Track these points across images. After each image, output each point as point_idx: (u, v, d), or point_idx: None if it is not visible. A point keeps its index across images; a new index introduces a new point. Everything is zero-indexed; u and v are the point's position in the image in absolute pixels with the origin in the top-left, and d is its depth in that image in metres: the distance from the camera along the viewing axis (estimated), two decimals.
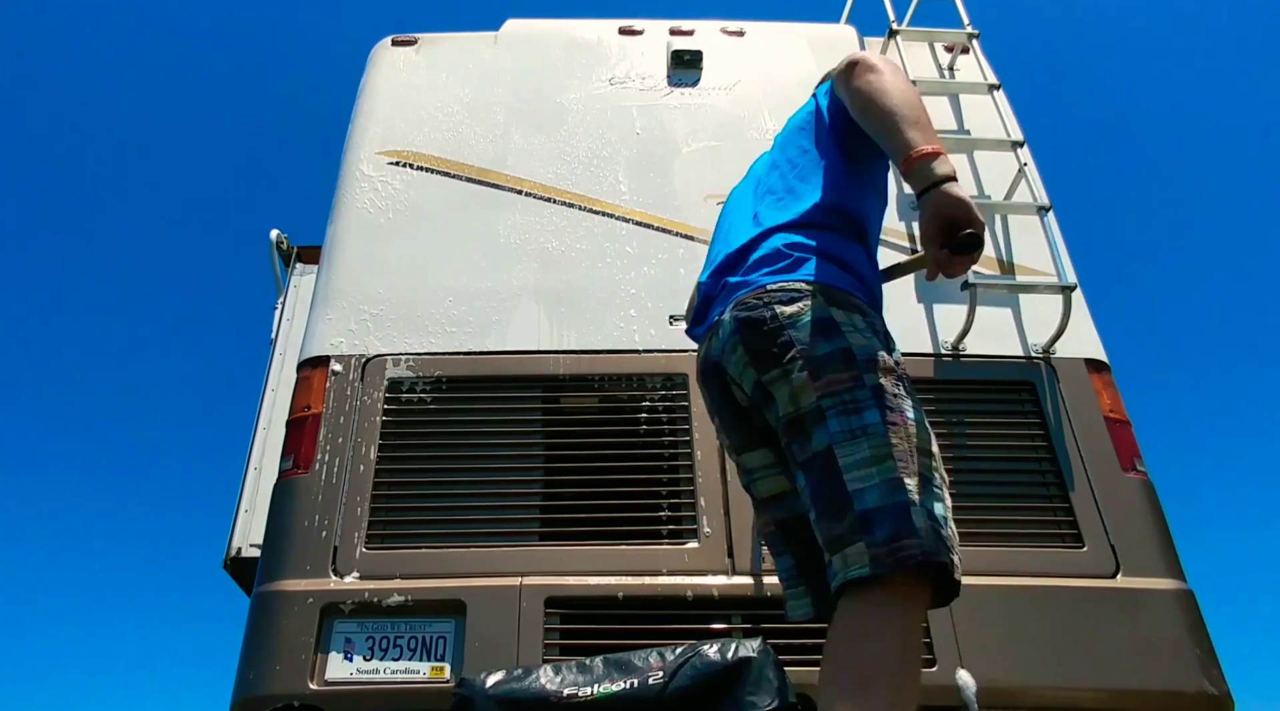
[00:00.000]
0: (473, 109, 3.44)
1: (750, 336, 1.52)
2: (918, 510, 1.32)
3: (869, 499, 1.33)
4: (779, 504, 1.64)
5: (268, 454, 3.97)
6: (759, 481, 1.67)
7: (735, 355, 1.56)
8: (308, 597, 2.33)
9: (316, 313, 2.95)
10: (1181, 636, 2.34)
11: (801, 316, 1.49)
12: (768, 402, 1.52)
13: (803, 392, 1.44)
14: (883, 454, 1.36)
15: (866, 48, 3.73)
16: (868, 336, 1.49)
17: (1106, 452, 2.66)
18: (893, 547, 1.28)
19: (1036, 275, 3.03)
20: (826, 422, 1.40)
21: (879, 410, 1.40)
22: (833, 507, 1.36)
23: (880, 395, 1.42)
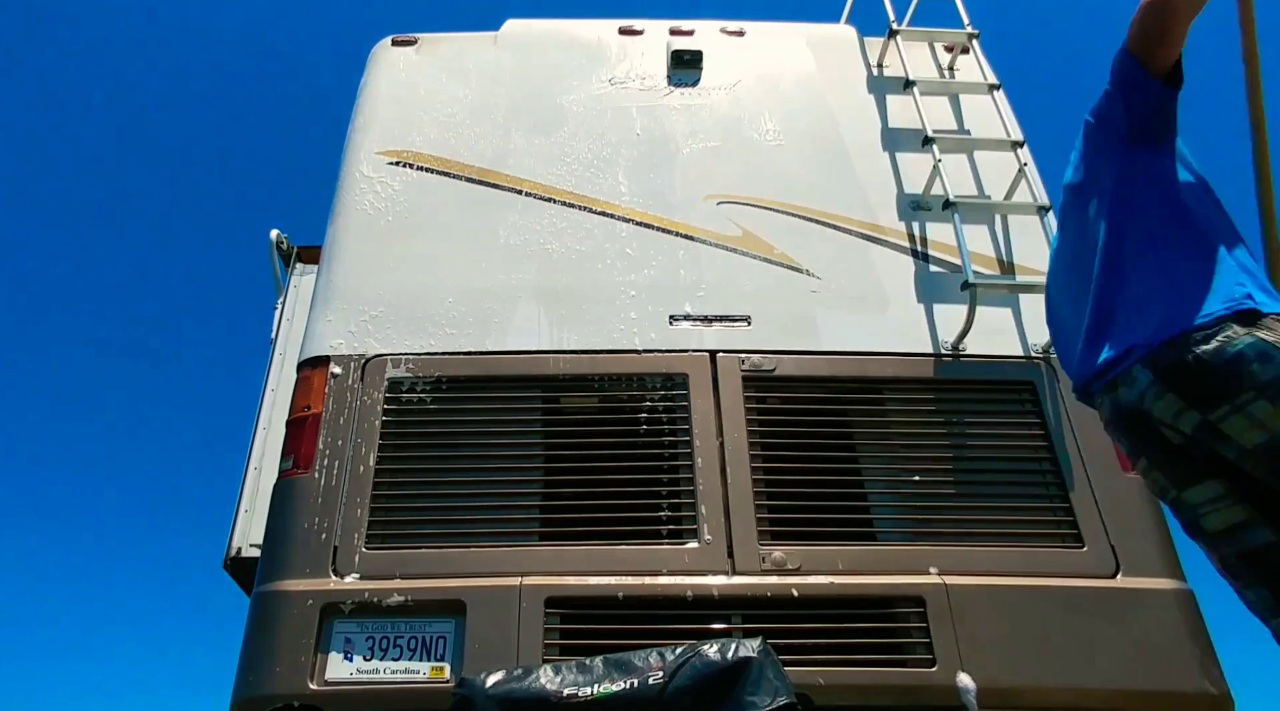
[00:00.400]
0: (473, 109, 3.44)
1: (1180, 380, 1.51)
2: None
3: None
4: (1237, 538, 1.55)
5: (268, 454, 3.98)
6: (1208, 515, 1.58)
7: (1162, 403, 1.55)
8: (308, 597, 2.33)
9: (316, 312, 2.95)
10: (1181, 636, 2.34)
11: (1227, 348, 1.47)
12: (1219, 440, 1.49)
13: (1271, 419, 1.42)
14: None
15: (866, 48, 3.73)
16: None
17: (1106, 452, 2.66)
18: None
19: (1036, 275, 3.03)
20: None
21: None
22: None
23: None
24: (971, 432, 2.72)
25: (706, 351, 2.79)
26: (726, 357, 2.77)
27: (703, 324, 2.86)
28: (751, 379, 2.74)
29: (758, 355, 2.78)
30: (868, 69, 3.66)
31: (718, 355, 2.78)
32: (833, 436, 2.69)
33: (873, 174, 3.31)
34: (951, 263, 3.05)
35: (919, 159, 3.29)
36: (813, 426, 2.68)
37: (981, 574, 2.41)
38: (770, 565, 2.41)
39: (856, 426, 2.76)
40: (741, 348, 2.80)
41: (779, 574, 2.39)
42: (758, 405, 2.70)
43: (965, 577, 2.39)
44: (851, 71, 3.66)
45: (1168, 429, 1.57)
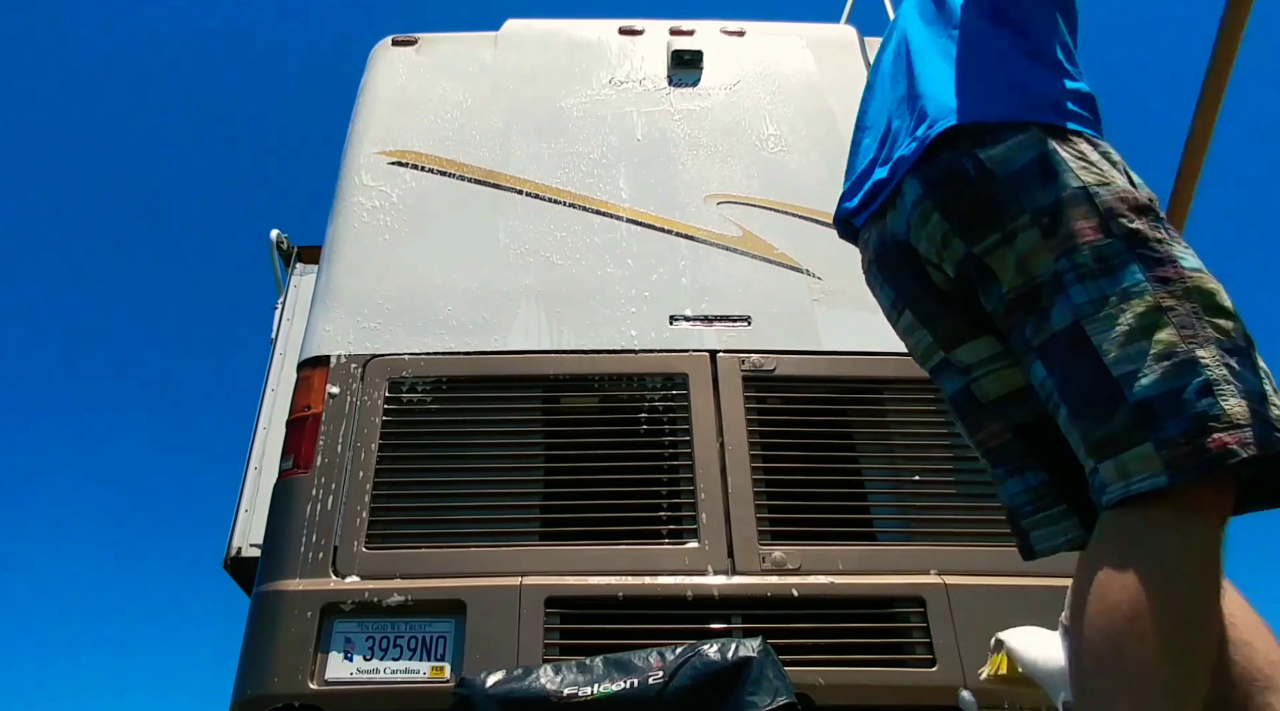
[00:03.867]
0: (473, 109, 3.44)
1: (949, 196, 1.22)
2: (1226, 387, 0.98)
3: (1146, 383, 1.00)
4: (1016, 404, 1.27)
5: (268, 454, 3.98)
6: (983, 378, 1.30)
7: (928, 227, 1.25)
8: (308, 597, 2.33)
9: (316, 312, 2.95)
10: None
11: (1013, 159, 1.17)
12: (982, 278, 1.20)
13: (1032, 258, 1.13)
14: (1153, 319, 1.03)
15: (866, 47, 3.73)
16: (1106, 171, 1.16)
17: None
18: (1195, 440, 0.95)
19: None
20: (1069, 292, 1.09)
21: (1138, 262, 1.07)
22: (1095, 401, 1.04)
23: (1137, 243, 1.09)
24: None
25: (706, 351, 2.79)
26: (726, 358, 2.77)
27: (703, 324, 2.86)
28: (751, 379, 2.74)
29: (758, 355, 2.78)
30: (868, 69, 3.66)
31: (718, 355, 2.78)
32: (833, 436, 2.69)
33: None
34: None
35: None
36: (813, 426, 2.68)
37: (981, 574, 2.41)
38: (770, 565, 2.41)
39: (856, 426, 2.76)
40: (741, 347, 2.80)
41: (779, 574, 2.39)
42: (758, 405, 2.70)
43: (965, 577, 2.39)
44: (852, 71, 3.65)
45: (933, 268, 1.29)
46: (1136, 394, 1.01)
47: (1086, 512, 1.17)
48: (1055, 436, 1.17)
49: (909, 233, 1.29)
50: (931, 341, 1.36)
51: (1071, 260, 1.10)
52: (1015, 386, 1.27)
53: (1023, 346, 1.16)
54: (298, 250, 5.12)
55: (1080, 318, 1.07)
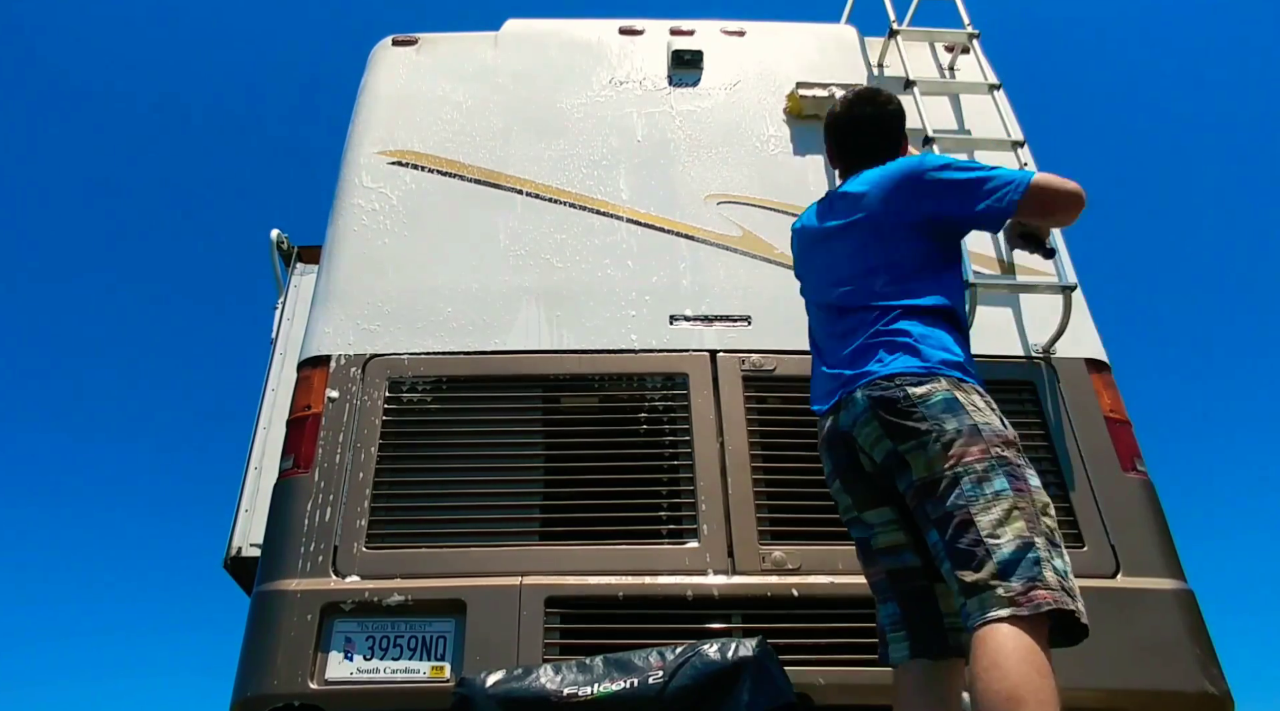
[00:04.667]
0: (473, 109, 3.44)
1: (885, 412, 1.77)
2: (1047, 564, 1.56)
3: (1005, 553, 1.56)
4: (893, 556, 1.85)
5: (268, 454, 3.97)
6: (879, 534, 1.87)
7: (868, 429, 1.80)
8: (308, 597, 2.33)
9: (316, 312, 2.95)
10: (1181, 636, 2.34)
11: (931, 397, 1.75)
12: (900, 469, 1.76)
13: (937, 462, 1.69)
14: (1014, 517, 1.61)
15: (867, 47, 3.73)
16: (989, 415, 1.76)
17: (1106, 452, 2.66)
18: (1029, 594, 1.51)
19: (1036, 275, 3.03)
20: (960, 487, 1.65)
21: (1006, 478, 1.66)
22: (972, 559, 1.58)
23: (1006, 465, 1.68)
24: None
25: (706, 351, 2.79)
26: (727, 358, 2.77)
27: (703, 324, 2.86)
28: (751, 379, 2.74)
29: (758, 355, 2.78)
30: (868, 69, 3.66)
31: (718, 355, 2.78)
32: None
33: None
34: None
35: None
36: (813, 426, 2.67)
37: None
38: (770, 565, 2.41)
39: None
40: (741, 347, 2.80)
41: (779, 574, 2.39)
42: (758, 405, 2.70)
43: None
44: (852, 71, 3.65)
45: (864, 455, 1.85)
46: (998, 558, 1.56)
47: (916, 640, 1.78)
48: (907, 586, 1.82)
49: (853, 428, 1.85)
50: (851, 502, 1.92)
51: (965, 469, 1.66)
52: (896, 543, 1.85)
53: (923, 518, 1.72)
54: (298, 250, 5.12)
55: (967, 503, 1.63)
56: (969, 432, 1.70)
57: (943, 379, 1.78)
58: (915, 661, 1.77)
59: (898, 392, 1.77)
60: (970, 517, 1.61)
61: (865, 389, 1.82)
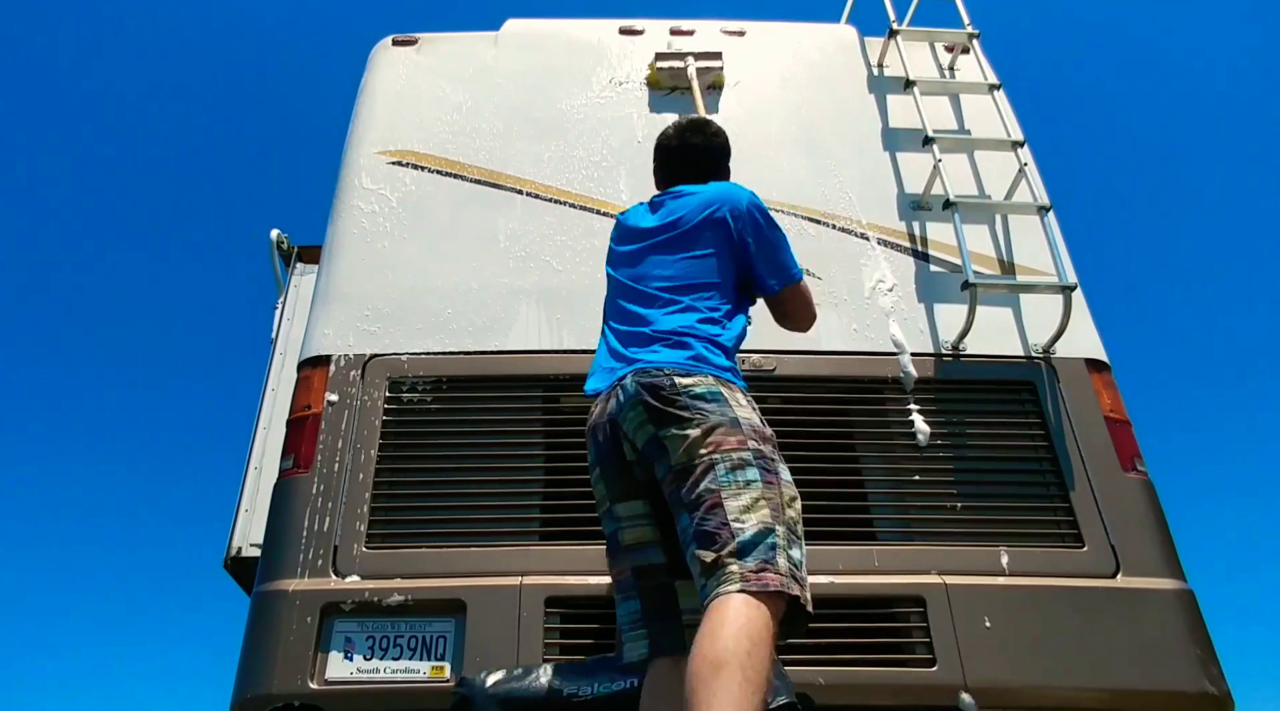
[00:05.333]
0: (473, 109, 3.44)
1: (651, 398, 1.84)
2: (782, 552, 1.64)
3: (746, 536, 1.64)
4: (639, 552, 1.88)
5: (268, 454, 3.97)
6: (627, 529, 1.90)
7: (634, 413, 1.86)
8: (308, 597, 2.33)
9: (316, 313, 2.95)
10: (1181, 636, 2.34)
11: (696, 387, 1.83)
12: (659, 454, 1.82)
13: (696, 447, 1.76)
14: (760, 504, 1.69)
15: (867, 47, 3.73)
16: (749, 412, 1.85)
17: (1106, 452, 2.66)
18: (761, 574, 1.59)
19: (1036, 275, 3.03)
20: (715, 472, 1.72)
21: (759, 470, 1.74)
22: (715, 540, 1.65)
23: (761, 458, 1.76)
24: (971, 432, 2.71)
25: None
26: None
27: None
28: (751, 379, 2.73)
29: (758, 355, 2.78)
30: (868, 69, 3.66)
31: None
32: (832, 436, 2.69)
33: (873, 174, 3.31)
34: (951, 262, 3.05)
35: (919, 159, 3.29)
36: (813, 426, 2.68)
37: (981, 574, 2.41)
38: None
39: (856, 426, 2.76)
40: (741, 347, 2.80)
41: None
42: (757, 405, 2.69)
43: (965, 577, 2.39)
44: (852, 71, 3.65)
45: (627, 442, 1.90)
46: (739, 540, 1.63)
47: (654, 638, 1.81)
48: (651, 582, 1.85)
49: (620, 414, 1.90)
50: (605, 492, 1.96)
51: (722, 455, 1.74)
52: (642, 539, 1.88)
53: (676, 503, 1.78)
54: (298, 250, 5.11)
55: (719, 487, 1.70)
56: (729, 423, 1.78)
57: (710, 375, 1.87)
58: (659, 659, 1.79)
59: (665, 380, 1.85)
60: (720, 501, 1.68)
61: (635, 375, 1.89)
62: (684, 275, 2.08)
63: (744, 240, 2.13)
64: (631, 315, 2.09)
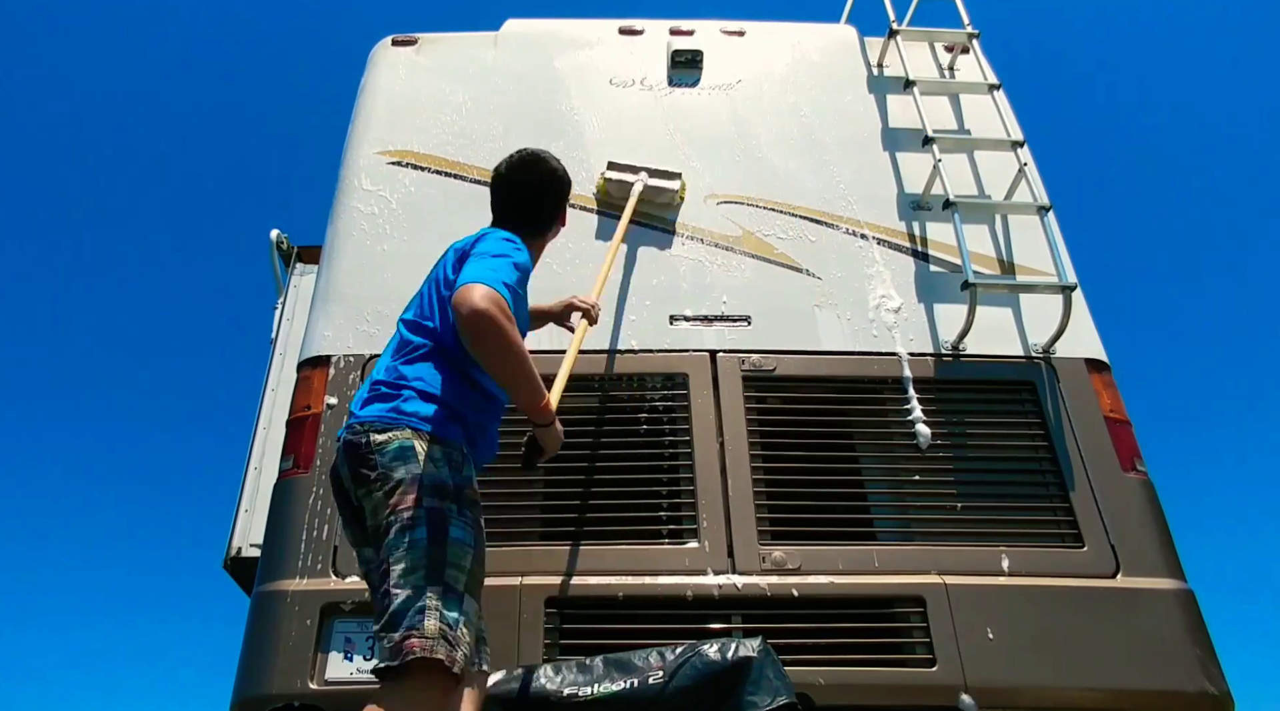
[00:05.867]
0: (472, 109, 3.43)
1: (351, 458, 1.85)
2: (431, 614, 1.63)
3: (395, 603, 1.64)
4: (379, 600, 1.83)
5: (268, 454, 3.97)
6: (370, 574, 1.90)
7: (344, 470, 1.88)
8: (308, 597, 2.33)
9: (316, 312, 2.95)
10: (1181, 636, 2.34)
11: (389, 445, 1.81)
12: (361, 513, 1.85)
13: (380, 509, 1.77)
14: (419, 566, 1.68)
15: (866, 47, 3.73)
16: (439, 465, 1.81)
17: (1106, 452, 2.66)
18: (402, 644, 1.59)
19: (1036, 275, 3.03)
20: (391, 535, 1.72)
21: (427, 528, 1.72)
22: (381, 607, 1.68)
23: (433, 516, 1.74)
24: (971, 432, 2.71)
25: (706, 351, 2.79)
26: (726, 358, 2.77)
27: (703, 324, 2.86)
28: (751, 379, 2.74)
29: (758, 355, 2.78)
30: (868, 69, 3.66)
31: (718, 355, 2.78)
32: (833, 436, 2.69)
33: (873, 174, 3.31)
34: (951, 262, 3.05)
35: (919, 159, 3.29)
36: (813, 426, 2.68)
37: (981, 574, 2.41)
38: (770, 565, 2.41)
39: (856, 426, 2.76)
40: (741, 348, 2.80)
41: (779, 574, 2.39)
42: (758, 405, 2.70)
43: (965, 577, 2.39)
44: (852, 71, 3.65)
45: (350, 494, 1.90)
46: (391, 608, 1.64)
47: None
48: None
49: (340, 466, 1.91)
50: (353, 537, 1.96)
51: (396, 517, 1.73)
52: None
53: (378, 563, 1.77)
54: (298, 250, 5.11)
55: (390, 553, 1.70)
56: (409, 482, 1.77)
57: (408, 429, 1.84)
58: None
59: (363, 438, 1.84)
60: (388, 568, 1.69)
61: (346, 432, 1.90)
62: (426, 316, 2.05)
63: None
64: (387, 355, 2.07)
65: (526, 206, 2.34)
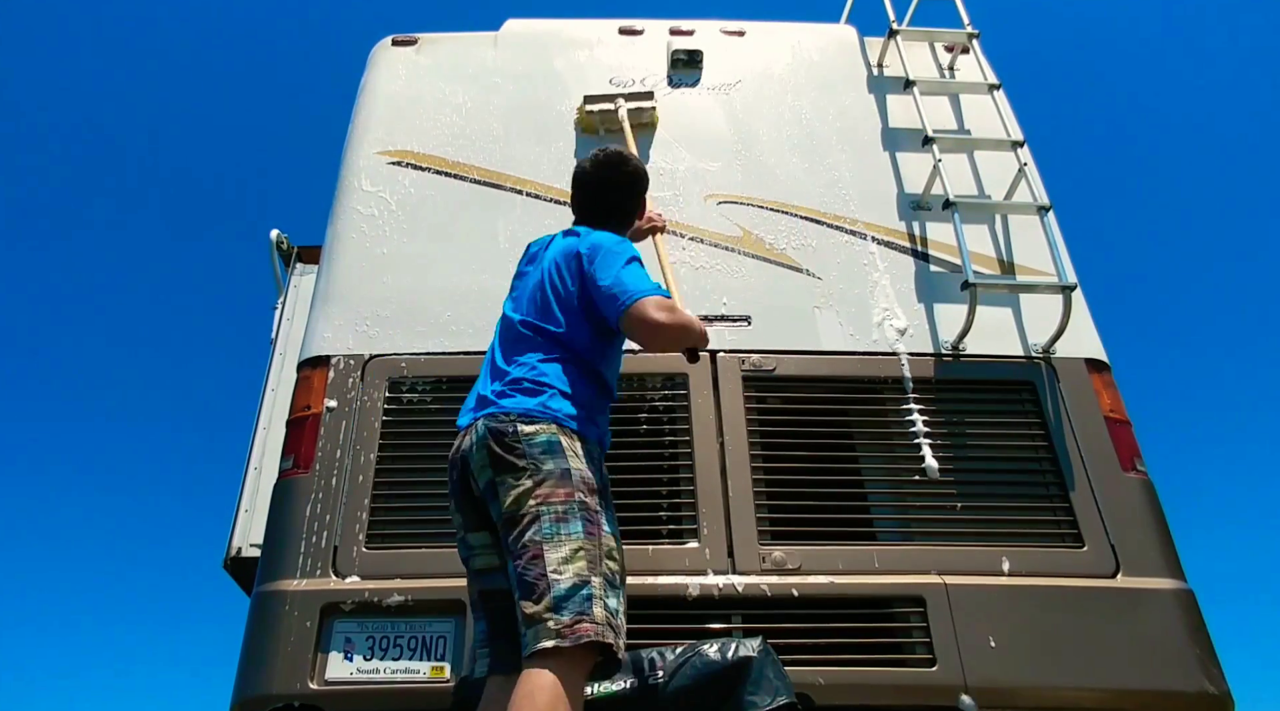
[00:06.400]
0: (473, 109, 3.43)
1: (495, 443, 1.90)
2: (598, 602, 1.73)
3: (562, 588, 1.72)
4: (488, 577, 1.97)
5: (268, 454, 3.97)
6: (477, 556, 2.00)
7: (479, 454, 1.94)
8: (308, 597, 2.33)
9: (316, 312, 2.95)
10: (1181, 636, 2.34)
11: (536, 436, 1.89)
12: (493, 498, 1.90)
13: (525, 497, 1.83)
14: (579, 556, 1.76)
15: (866, 47, 3.73)
16: (584, 462, 1.90)
17: (1106, 452, 2.66)
18: (575, 626, 1.68)
19: (1036, 275, 3.03)
20: (540, 523, 1.79)
21: (582, 522, 1.81)
22: (534, 591, 1.73)
23: (585, 510, 1.83)
24: (971, 432, 2.71)
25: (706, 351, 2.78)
26: (726, 358, 2.77)
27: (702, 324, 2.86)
28: (751, 379, 2.74)
29: (758, 355, 2.78)
30: (868, 69, 3.66)
31: (718, 355, 2.78)
32: (833, 436, 2.69)
33: (873, 174, 3.31)
34: (951, 262, 3.05)
35: (919, 159, 3.29)
36: (813, 426, 2.68)
37: (981, 574, 2.41)
38: (770, 565, 2.41)
39: (856, 426, 2.76)
40: (741, 348, 2.80)
41: (779, 574, 2.39)
42: (758, 405, 2.70)
43: (965, 577, 2.39)
44: (851, 71, 3.65)
45: (473, 479, 1.96)
46: (554, 593, 1.71)
47: (495, 657, 1.90)
48: (495, 605, 1.93)
49: (470, 452, 1.97)
50: (462, 522, 2.03)
51: (549, 507, 1.81)
52: (490, 566, 1.97)
53: (506, 547, 1.85)
54: (298, 250, 5.11)
55: (543, 539, 1.77)
56: (560, 475, 1.85)
57: (555, 424, 1.92)
58: (494, 677, 1.87)
59: (509, 427, 1.91)
60: (541, 553, 1.76)
61: (486, 419, 1.96)
62: (559, 318, 2.10)
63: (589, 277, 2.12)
64: (510, 351, 2.12)
65: (625, 198, 2.46)
